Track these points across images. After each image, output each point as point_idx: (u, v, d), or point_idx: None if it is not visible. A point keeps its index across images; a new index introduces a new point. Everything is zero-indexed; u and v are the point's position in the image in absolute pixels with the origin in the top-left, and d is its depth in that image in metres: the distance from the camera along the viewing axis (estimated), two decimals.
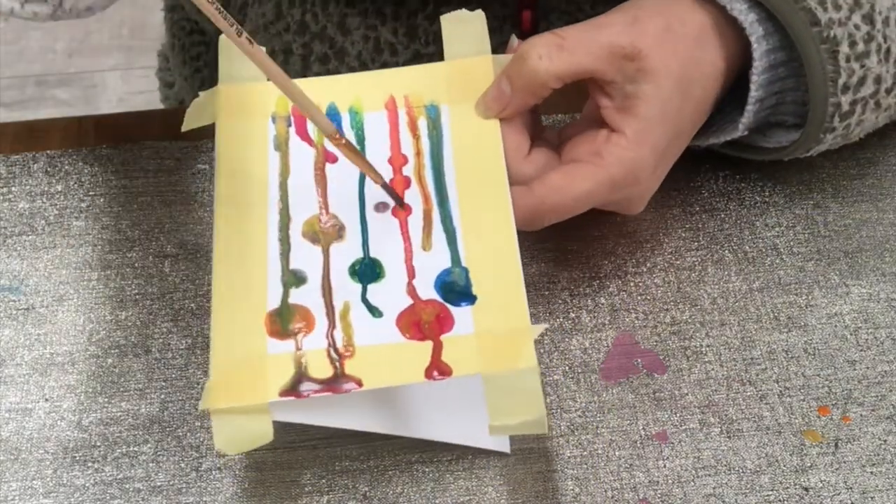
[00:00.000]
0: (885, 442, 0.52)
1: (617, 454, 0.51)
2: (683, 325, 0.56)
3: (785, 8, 0.53)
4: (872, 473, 0.51)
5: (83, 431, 0.52)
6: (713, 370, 0.54)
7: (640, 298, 0.57)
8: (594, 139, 0.53)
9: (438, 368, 0.47)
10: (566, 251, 0.58)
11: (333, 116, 0.55)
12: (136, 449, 0.51)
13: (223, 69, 0.55)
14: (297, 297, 0.49)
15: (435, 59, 0.58)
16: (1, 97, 1.71)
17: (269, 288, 0.49)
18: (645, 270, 0.58)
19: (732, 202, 0.61)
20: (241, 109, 0.54)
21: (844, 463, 0.51)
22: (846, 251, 0.59)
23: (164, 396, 0.53)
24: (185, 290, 0.57)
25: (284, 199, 0.52)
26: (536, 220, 0.53)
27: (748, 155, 0.60)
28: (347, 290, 0.50)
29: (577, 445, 0.52)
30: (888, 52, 0.55)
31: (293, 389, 0.46)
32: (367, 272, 0.50)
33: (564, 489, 0.50)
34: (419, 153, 0.54)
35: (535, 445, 0.51)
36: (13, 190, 0.61)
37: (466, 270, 0.50)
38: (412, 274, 0.50)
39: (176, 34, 0.88)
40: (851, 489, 0.50)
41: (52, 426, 0.52)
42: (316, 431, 0.51)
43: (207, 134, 0.61)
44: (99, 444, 0.52)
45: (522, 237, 0.51)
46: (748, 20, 0.53)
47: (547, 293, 0.57)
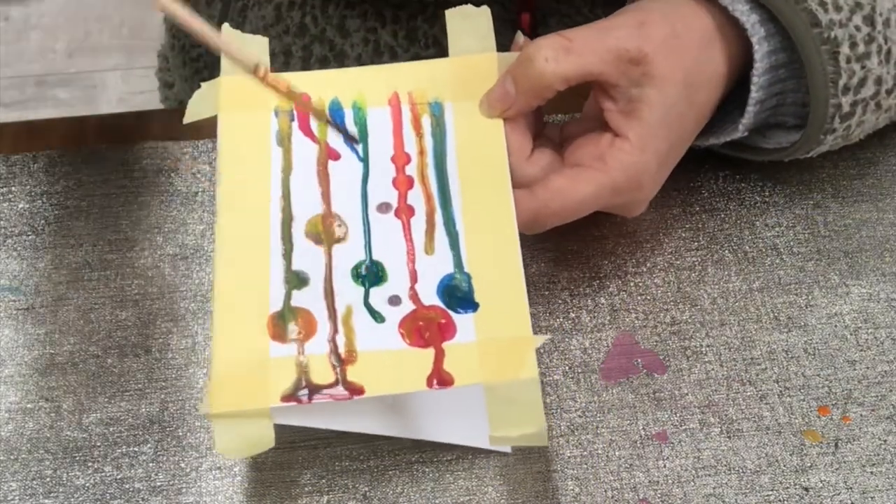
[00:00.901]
0: (885, 442, 0.52)
1: (617, 454, 0.51)
2: (683, 325, 0.56)
3: (786, 9, 0.53)
4: (872, 473, 0.51)
5: (83, 431, 0.52)
6: (713, 370, 0.54)
7: (640, 298, 0.57)
8: (598, 143, 0.53)
9: (440, 377, 0.47)
10: (566, 251, 0.58)
11: (336, 111, 0.54)
12: (136, 449, 0.51)
13: (225, 61, 0.55)
14: (299, 299, 0.49)
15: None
16: (1, 97, 1.71)
17: (271, 289, 0.49)
18: (645, 270, 0.58)
19: (732, 202, 0.61)
20: (243, 102, 0.54)
21: (844, 463, 0.51)
22: (846, 251, 0.59)
23: (164, 396, 0.53)
24: (185, 290, 0.57)
25: (287, 196, 0.52)
26: (538, 223, 0.53)
27: (748, 155, 0.60)
28: (350, 293, 0.49)
29: (577, 445, 0.52)
30: (889, 53, 0.55)
31: (295, 395, 0.46)
32: (369, 275, 0.50)
33: (564, 489, 0.50)
34: (422, 152, 0.54)
35: (535, 445, 0.51)
36: (13, 190, 0.61)
37: (469, 276, 0.50)
38: (414, 278, 0.50)
39: (176, 35, 0.88)
40: (851, 489, 0.50)
41: (52, 426, 0.52)
42: (316, 431, 0.51)
43: (208, 134, 0.61)
44: (99, 444, 0.52)
45: (522, 237, 0.51)
46: (750, 21, 0.53)
47: (547, 293, 0.57)
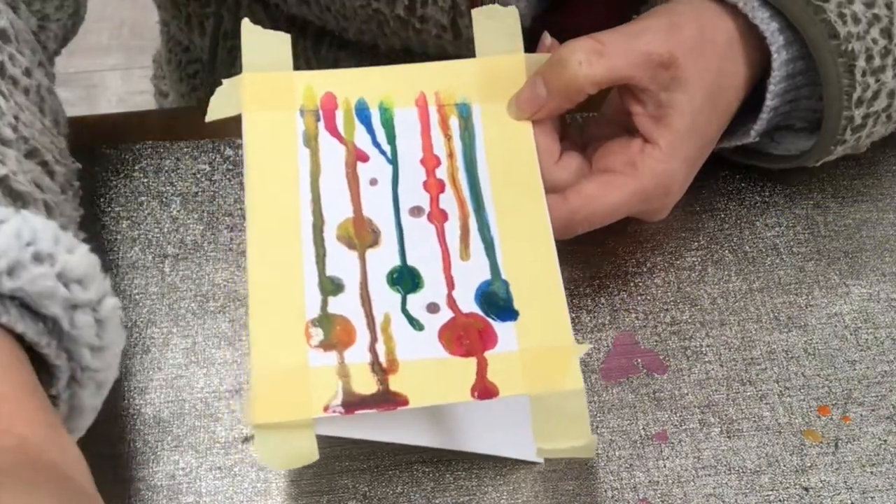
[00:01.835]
0: (885, 442, 0.52)
1: (617, 454, 0.51)
2: (683, 325, 0.56)
3: (805, 19, 0.53)
4: (872, 473, 0.51)
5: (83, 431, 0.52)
6: (713, 370, 0.54)
7: (640, 298, 0.57)
8: (627, 149, 0.53)
9: (484, 387, 0.46)
10: (566, 251, 0.58)
11: (362, 111, 0.53)
12: (136, 449, 0.51)
13: (247, 57, 0.53)
14: (335, 306, 0.48)
15: None
16: None
17: (306, 296, 0.48)
18: (645, 270, 0.58)
19: (732, 202, 0.61)
20: (267, 101, 0.53)
21: (844, 463, 0.51)
22: (846, 251, 0.59)
23: (164, 396, 0.53)
24: (185, 290, 0.57)
25: (317, 200, 0.51)
26: (570, 229, 0.53)
27: (756, 162, 0.60)
28: (386, 300, 0.49)
29: None
30: None
31: (338, 405, 0.45)
32: (405, 281, 0.49)
33: (564, 489, 0.50)
34: (451, 154, 0.53)
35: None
36: None
37: (507, 283, 0.49)
38: (451, 284, 0.49)
39: (172, 49, 0.87)
40: (851, 489, 0.50)
41: None
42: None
43: (208, 133, 0.61)
44: (99, 444, 0.52)
45: None
46: (770, 29, 0.53)
47: None
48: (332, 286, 0.49)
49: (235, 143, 0.62)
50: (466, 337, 0.48)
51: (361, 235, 0.50)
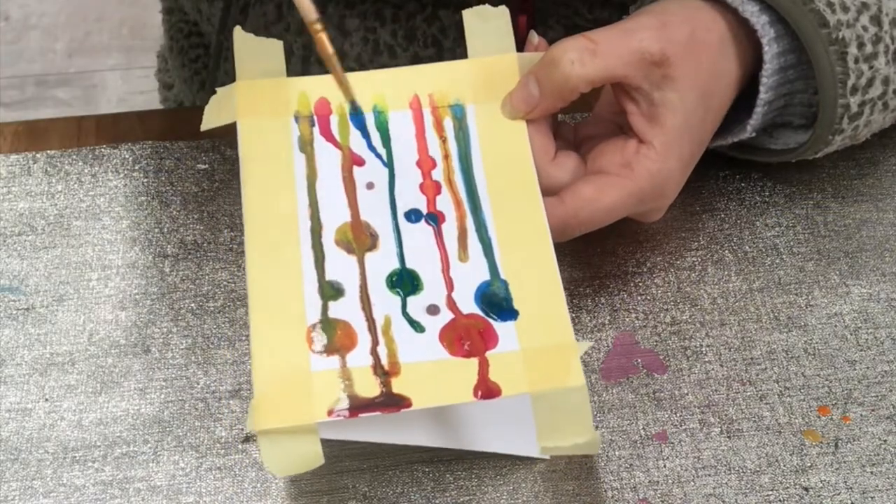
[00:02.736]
0: (885, 442, 0.52)
1: (617, 454, 0.51)
2: (683, 325, 0.56)
3: (794, 10, 0.53)
4: (872, 473, 0.51)
5: (83, 431, 0.52)
6: (713, 370, 0.54)
7: (640, 298, 0.57)
8: (623, 150, 0.53)
9: (486, 387, 0.47)
10: (566, 251, 0.58)
11: (356, 116, 0.54)
12: (136, 449, 0.51)
13: (240, 65, 0.54)
14: (336, 310, 0.48)
15: (433, 60, 0.57)
16: (1, 97, 1.71)
17: (306, 301, 0.48)
18: (645, 270, 0.58)
19: (732, 202, 0.61)
20: (261, 108, 0.53)
21: (844, 463, 0.51)
22: (846, 251, 0.59)
23: (164, 396, 0.53)
24: (185, 290, 0.57)
25: (314, 204, 0.51)
26: (567, 231, 0.53)
27: (755, 157, 0.60)
28: (386, 303, 0.49)
29: None
30: (895, 53, 0.55)
31: (341, 409, 0.46)
32: (405, 284, 0.50)
33: (564, 489, 0.50)
34: (447, 156, 0.53)
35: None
36: (13, 190, 0.61)
37: (506, 283, 0.49)
38: (450, 286, 0.50)
39: (174, 37, 0.88)
40: (851, 489, 0.50)
41: (52, 426, 0.52)
42: None
43: (208, 133, 0.61)
44: (99, 444, 0.52)
45: None
46: (760, 22, 0.53)
47: None
48: (332, 291, 0.49)
49: (235, 142, 0.62)
50: (467, 338, 0.48)
51: (360, 239, 0.51)
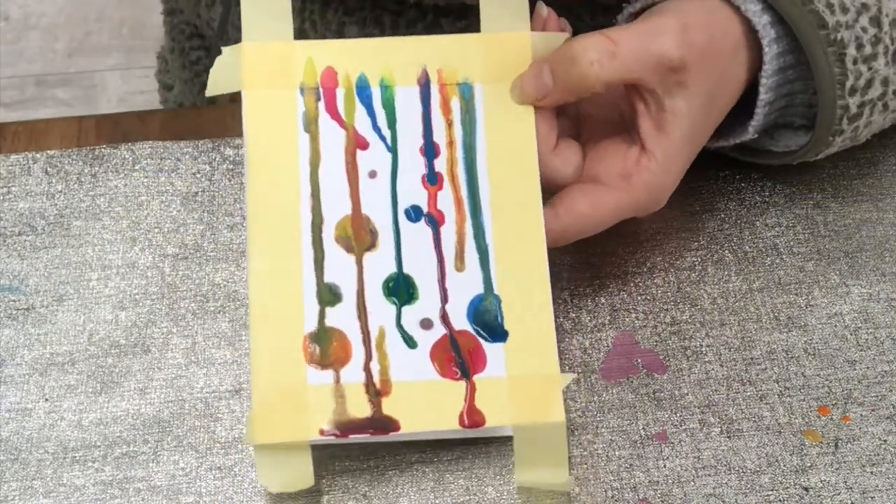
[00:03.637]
0: (885, 442, 0.52)
1: (617, 454, 0.51)
2: (683, 325, 0.56)
3: (793, 11, 0.53)
4: (872, 473, 0.51)
5: (83, 431, 0.52)
6: (713, 370, 0.54)
7: (640, 298, 0.57)
8: (624, 158, 0.53)
9: (472, 416, 0.48)
10: (566, 251, 0.58)
11: (363, 90, 0.53)
12: (136, 449, 0.51)
13: (246, 26, 0.53)
14: (333, 318, 0.49)
15: None
16: (1, 97, 1.71)
17: (304, 306, 0.49)
18: (645, 270, 0.58)
19: (732, 202, 0.61)
20: (267, 77, 0.52)
21: (844, 463, 0.51)
22: (846, 251, 0.59)
23: (164, 396, 0.53)
24: (185, 290, 0.57)
25: (316, 194, 0.51)
26: (559, 242, 0.53)
27: (757, 159, 0.60)
28: (382, 312, 0.49)
29: (577, 445, 0.52)
30: (895, 54, 0.55)
31: (334, 429, 0.47)
32: (401, 292, 0.50)
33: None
34: (452, 143, 0.53)
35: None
36: (13, 190, 0.61)
37: (499, 299, 0.50)
38: (445, 298, 0.50)
39: (176, 38, 0.87)
40: (851, 489, 0.50)
41: (52, 426, 0.52)
42: None
43: (207, 133, 0.61)
44: (99, 444, 0.52)
45: None
46: (762, 22, 0.53)
47: None
48: (330, 296, 0.49)
49: (235, 142, 0.62)
50: (458, 357, 0.49)
51: (360, 236, 0.51)
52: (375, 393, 0.48)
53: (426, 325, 0.50)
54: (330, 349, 0.48)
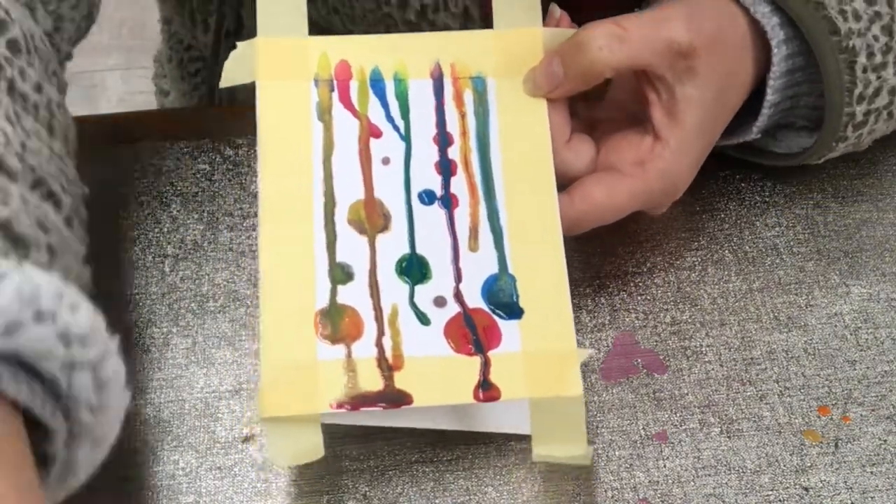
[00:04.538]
0: (885, 442, 0.52)
1: (617, 454, 0.51)
2: (683, 325, 0.56)
3: (806, 15, 0.53)
4: (872, 473, 0.51)
5: None
6: (713, 370, 0.54)
7: (640, 298, 0.57)
8: (638, 146, 0.53)
9: (487, 389, 0.47)
10: (566, 251, 0.58)
11: (377, 83, 0.53)
12: (136, 448, 0.51)
13: (261, 21, 0.53)
14: (344, 295, 0.48)
15: None
16: None
17: (316, 284, 0.49)
18: (645, 270, 0.58)
19: (732, 202, 0.61)
20: (281, 69, 0.53)
21: (844, 463, 0.51)
22: (846, 251, 0.59)
23: (164, 396, 0.53)
24: (185, 290, 0.57)
25: (328, 179, 0.51)
26: (574, 230, 0.53)
27: (759, 160, 0.60)
28: (395, 290, 0.49)
29: None
30: None
31: (344, 402, 0.46)
32: (414, 271, 0.50)
33: (564, 489, 0.50)
34: (465, 133, 0.53)
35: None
36: None
37: (514, 279, 0.50)
38: (459, 277, 0.50)
39: (173, 47, 0.86)
40: (851, 489, 0.50)
41: None
42: None
43: (207, 133, 0.61)
44: None
45: None
46: (771, 24, 0.53)
47: None
48: (342, 274, 0.49)
49: (235, 142, 0.62)
50: (471, 334, 0.48)
51: (372, 219, 0.51)
52: (388, 367, 0.47)
53: (440, 302, 0.49)
54: (341, 325, 0.48)
